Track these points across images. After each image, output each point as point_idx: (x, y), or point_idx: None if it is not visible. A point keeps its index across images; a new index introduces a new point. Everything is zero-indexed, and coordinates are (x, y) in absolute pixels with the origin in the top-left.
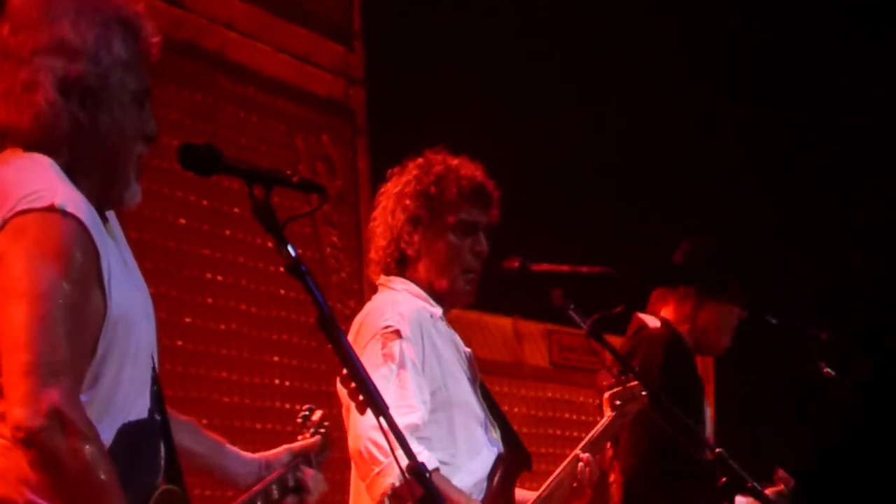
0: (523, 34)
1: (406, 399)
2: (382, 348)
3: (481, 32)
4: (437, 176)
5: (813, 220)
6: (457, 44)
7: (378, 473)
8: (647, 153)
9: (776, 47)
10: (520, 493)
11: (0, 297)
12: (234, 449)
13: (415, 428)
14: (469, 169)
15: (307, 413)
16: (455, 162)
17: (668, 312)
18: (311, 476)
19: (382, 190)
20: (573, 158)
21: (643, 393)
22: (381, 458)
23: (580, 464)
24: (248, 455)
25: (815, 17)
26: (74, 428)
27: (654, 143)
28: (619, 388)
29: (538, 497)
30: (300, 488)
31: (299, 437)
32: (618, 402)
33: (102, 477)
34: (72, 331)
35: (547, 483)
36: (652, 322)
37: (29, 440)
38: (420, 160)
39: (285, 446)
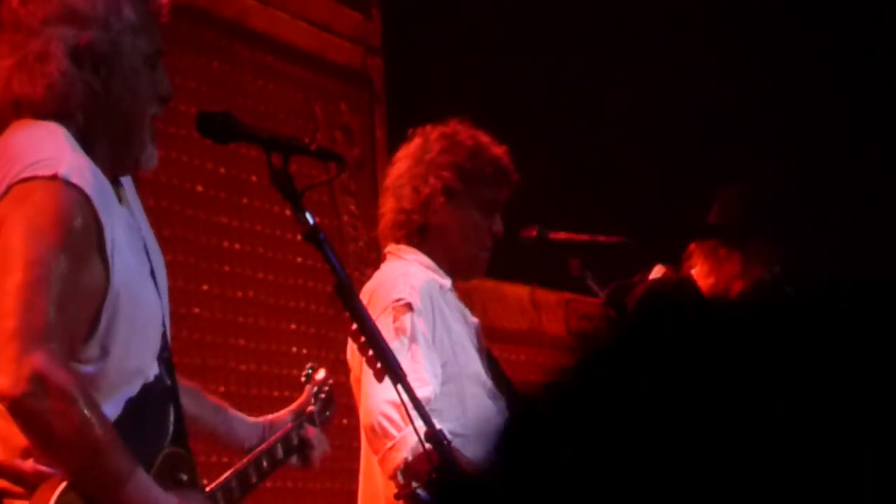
0: (543, 1)
1: (418, 373)
2: (394, 321)
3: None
4: (471, 150)
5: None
6: (475, 12)
7: (391, 448)
8: (670, 119)
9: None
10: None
11: None
12: (237, 413)
13: (426, 402)
14: (498, 148)
15: (310, 371)
16: (485, 139)
17: (697, 267)
18: (313, 435)
19: (403, 153)
20: (594, 126)
21: None
22: (393, 432)
23: None
24: (252, 418)
25: None
26: (60, 390)
27: (678, 109)
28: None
29: None
30: (304, 447)
31: (303, 395)
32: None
33: (98, 432)
34: (62, 298)
35: None
36: (654, 274)
37: (14, 408)
38: (445, 129)
39: (288, 408)
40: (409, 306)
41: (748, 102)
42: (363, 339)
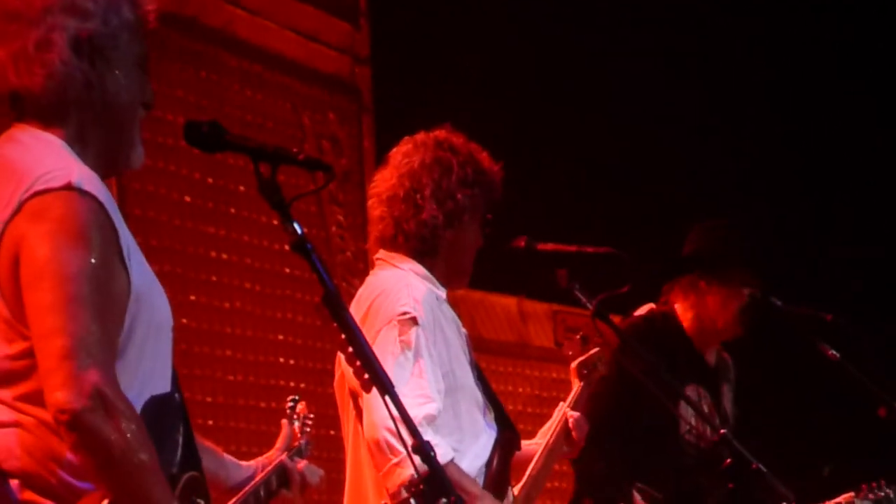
0: (531, 12)
1: (423, 389)
2: (400, 335)
3: (487, 10)
4: (482, 169)
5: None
6: (463, 22)
7: (397, 464)
8: (659, 133)
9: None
10: (525, 444)
11: (27, 281)
12: (231, 457)
13: (432, 419)
14: (492, 162)
15: (292, 404)
16: (482, 154)
17: (678, 304)
18: (304, 466)
19: (396, 161)
20: (581, 138)
21: (605, 358)
22: (400, 448)
23: (571, 420)
24: (245, 462)
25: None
26: (116, 408)
27: (667, 123)
28: (584, 356)
29: (541, 454)
30: (296, 477)
31: (287, 428)
32: (584, 372)
33: (144, 457)
34: (102, 310)
35: (544, 444)
36: (640, 311)
37: (73, 422)
38: (444, 138)
39: (276, 445)
40: (415, 320)
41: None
42: (350, 349)
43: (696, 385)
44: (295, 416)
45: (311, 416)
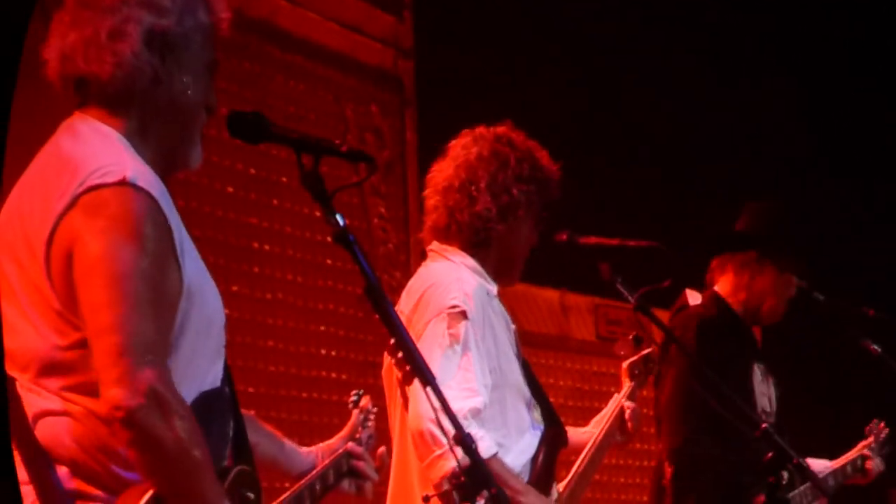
0: (574, 3)
1: (469, 382)
2: (449, 328)
3: (532, 3)
4: (539, 166)
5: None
6: (506, 15)
7: (440, 455)
8: (704, 126)
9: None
10: (573, 431)
11: (81, 277)
12: (292, 443)
13: (477, 412)
14: (551, 161)
15: (356, 398)
16: (542, 152)
17: (724, 282)
18: (363, 466)
19: (455, 153)
20: (627, 130)
21: (657, 359)
22: (444, 440)
23: (628, 410)
24: (306, 448)
25: None
26: (170, 406)
27: (710, 116)
28: (635, 357)
29: (590, 449)
30: (354, 473)
31: (351, 420)
32: (636, 372)
33: (196, 454)
34: (156, 308)
35: (592, 441)
36: (693, 300)
37: (129, 420)
38: (503, 133)
39: (338, 434)
40: (465, 314)
41: (785, 113)
42: (392, 340)
43: (759, 362)
44: (359, 410)
45: (375, 409)
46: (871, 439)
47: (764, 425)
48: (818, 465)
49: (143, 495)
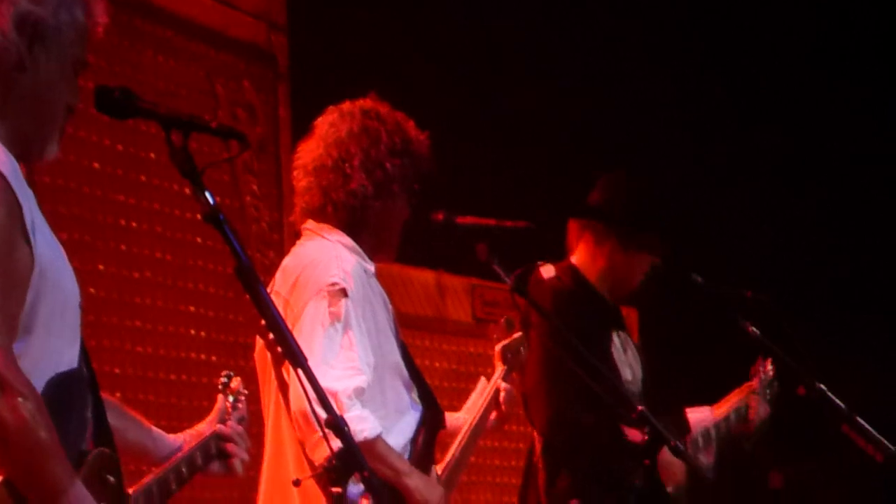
0: None
1: (353, 361)
2: (330, 306)
3: None
4: (409, 138)
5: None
6: None
7: (324, 436)
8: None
9: None
10: (451, 417)
11: None
12: (159, 429)
13: (360, 392)
14: (419, 132)
15: (226, 380)
16: (409, 123)
17: (579, 253)
18: (233, 448)
19: (323, 130)
20: (501, 110)
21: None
22: (317, 425)
23: (503, 392)
24: (172, 436)
25: None
26: (11, 386)
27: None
28: (508, 340)
29: (466, 433)
30: (223, 455)
31: (219, 403)
32: (508, 355)
33: (42, 435)
34: (3, 290)
35: (468, 424)
36: (546, 273)
37: None
38: (370, 107)
39: (206, 418)
40: (345, 292)
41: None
42: (263, 321)
43: (619, 331)
44: (229, 392)
45: (246, 391)
46: (755, 381)
47: (640, 407)
48: (699, 413)
49: None
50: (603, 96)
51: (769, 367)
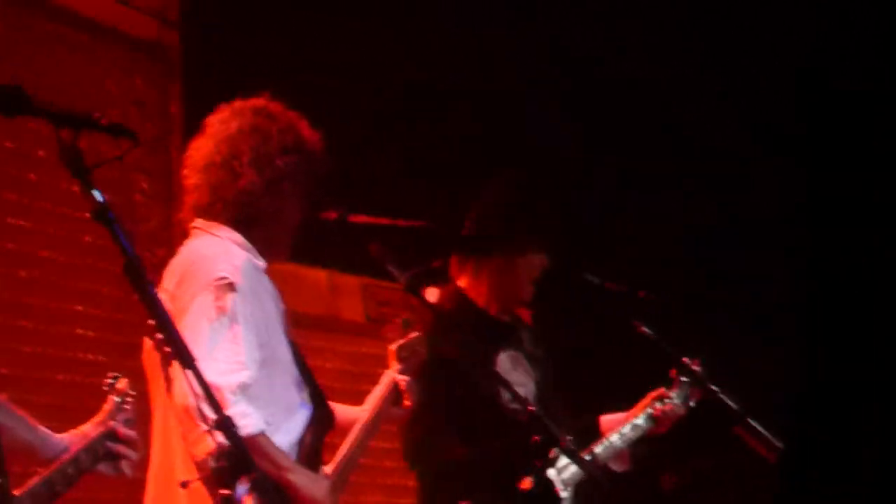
0: None
1: (238, 356)
2: (216, 300)
3: None
4: (302, 138)
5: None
6: None
7: (207, 431)
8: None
9: None
10: (345, 409)
11: None
12: (45, 429)
13: (245, 387)
14: (312, 132)
15: (112, 381)
16: (302, 122)
17: (463, 278)
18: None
19: (214, 129)
20: (402, 105)
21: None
22: (212, 415)
23: (403, 384)
24: (58, 436)
25: None
26: None
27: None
28: (404, 340)
29: (358, 433)
30: (111, 455)
31: (107, 404)
32: (404, 355)
33: None
34: None
35: (360, 424)
36: (431, 297)
37: None
38: (262, 106)
39: (93, 419)
40: (232, 286)
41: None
42: (151, 321)
43: (508, 350)
44: (115, 393)
45: (133, 392)
46: (674, 384)
47: (531, 408)
48: (613, 419)
49: None
50: (496, 95)
51: (698, 363)
